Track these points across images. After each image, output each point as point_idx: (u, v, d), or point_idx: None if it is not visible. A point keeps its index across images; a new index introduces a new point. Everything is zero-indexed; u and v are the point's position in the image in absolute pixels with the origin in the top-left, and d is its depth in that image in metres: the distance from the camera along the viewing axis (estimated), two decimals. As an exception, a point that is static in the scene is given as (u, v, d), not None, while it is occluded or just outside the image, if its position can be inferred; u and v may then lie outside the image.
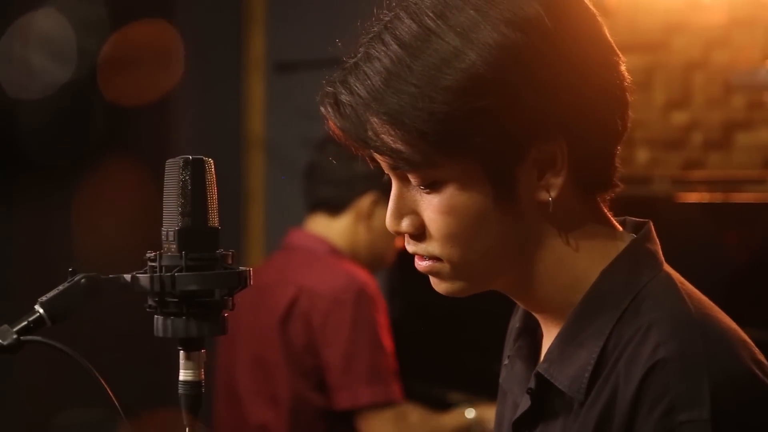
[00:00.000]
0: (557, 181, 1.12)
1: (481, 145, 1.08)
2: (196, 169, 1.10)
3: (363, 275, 2.55)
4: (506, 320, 1.32)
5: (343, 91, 1.11)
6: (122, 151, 3.20)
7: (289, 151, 3.81)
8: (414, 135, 1.08)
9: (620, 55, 1.15)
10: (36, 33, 3.00)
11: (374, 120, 1.10)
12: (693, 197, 2.82)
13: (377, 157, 1.13)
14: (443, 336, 3.18)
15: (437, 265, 1.15)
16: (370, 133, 1.10)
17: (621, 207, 1.21)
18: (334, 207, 2.61)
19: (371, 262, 2.64)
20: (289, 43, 3.85)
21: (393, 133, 1.09)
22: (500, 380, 1.29)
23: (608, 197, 1.19)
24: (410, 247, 1.16)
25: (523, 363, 1.24)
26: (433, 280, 1.17)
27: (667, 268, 1.17)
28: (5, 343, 1.05)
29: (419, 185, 1.12)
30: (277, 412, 2.52)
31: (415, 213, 1.14)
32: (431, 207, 1.12)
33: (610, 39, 1.15)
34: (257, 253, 4.02)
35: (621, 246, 1.16)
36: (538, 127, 1.09)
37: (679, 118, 3.11)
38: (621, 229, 1.19)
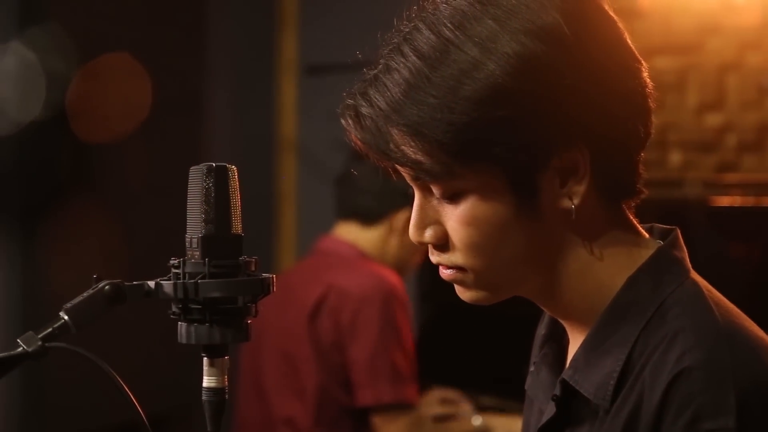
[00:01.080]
0: (580, 189, 1.11)
1: (501, 155, 1.08)
2: (220, 177, 1.10)
3: (392, 277, 2.57)
4: (537, 323, 1.31)
5: (363, 103, 1.11)
6: (88, 191, 3.19)
7: (321, 154, 3.82)
8: (434, 146, 1.08)
9: (642, 62, 1.14)
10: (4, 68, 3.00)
11: (394, 131, 1.10)
12: (726, 201, 2.80)
13: (399, 168, 1.13)
14: (473, 339, 3.18)
15: (461, 274, 1.15)
16: (390, 144, 1.10)
17: (653, 211, 1.20)
18: (369, 217, 2.63)
19: (396, 269, 2.65)
20: (320, 46, 3.85)
21: (413, 144, 1.09)
22: (526, 387, 1.28)
23: (634, 204, 1.18)
24: (434, 257, 1.16)
25: (548, 370, 1.23)
26: (457, 289, 1.17)
27: (694, 275, 1.16)
28: (30, 349, 1.06)
29: (441, 196, 1.12)
30: (304, 405, 2.54)
31: (438, 223, 1.14)
32: (453, 217, 1.12)
33: (632, 46, 1.14)
34: (289, 255, 4.03)
35: (647, 253, 1.15)
36: (558, 136, 1.09)
37: (713, 120, 3.08)
38: (648, 236, 1.18)
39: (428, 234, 1.14)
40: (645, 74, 1.13)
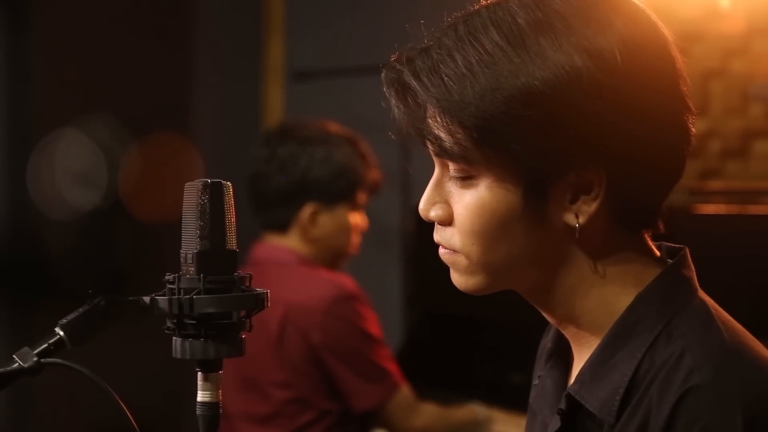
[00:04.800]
0: (588, 209, 1.12)
1: (517, 153, 1.10)
2: (215, 193, 1.10)
3: (340, 278, 2.56)
4: (523, 330, 1.32)
5: (407, 71, 1.13)
6: (147, 273, 3.17)
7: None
8: (456, 127, 1.11)
9: (692, 111, 1.15)
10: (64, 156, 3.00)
11: (429, 106, 1.12)
12: (710, 209, 2.81)
13: (426, 142, 1.15)
14: (460, 344, 3.19)
15: (455, 256, 1.17)
16: (423, 116, 1.13)
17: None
18: (279, 227, 2.61)
19: (333, 262, 2.64)
20: (306, 52, 3.86)
21: (439, 119, 1.12)
22: (530, 400, 1.29)
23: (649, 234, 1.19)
24: (436, 235, 1.19)
25: (553, 384, 1.24)
26: (452, 273, 1.19)
27: (701, 294, 1.17)
28: (26, 365, 1.06)
29: (456, 175, 1.15)
30: (279, 428, 2.51)
31: (447, 204, 1.16)
32: (461, 202, 1.14)
33: (686, 96, 1.14)
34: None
35: (656, 272, 1.16)
36: (578, 152, 1.10)
37: (697, 126, 3.05)
38: (658, 254, 1.20)
39: (434, 213, 1.17)
40: (690, 122, 1.15)
